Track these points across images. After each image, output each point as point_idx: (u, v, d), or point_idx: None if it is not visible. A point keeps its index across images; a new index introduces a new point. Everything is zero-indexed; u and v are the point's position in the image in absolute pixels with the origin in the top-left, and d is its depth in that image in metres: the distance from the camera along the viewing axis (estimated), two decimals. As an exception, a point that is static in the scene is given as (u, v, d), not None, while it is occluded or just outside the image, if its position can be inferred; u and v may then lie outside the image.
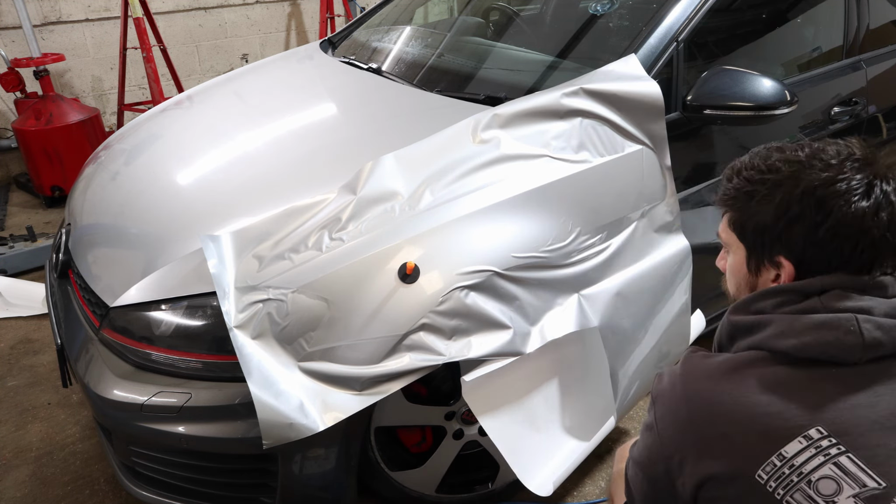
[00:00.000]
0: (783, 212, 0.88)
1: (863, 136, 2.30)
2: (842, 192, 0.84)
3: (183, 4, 4.78)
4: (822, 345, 0.81)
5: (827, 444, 0.76)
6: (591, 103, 1.59)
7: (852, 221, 0.83)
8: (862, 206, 0.82)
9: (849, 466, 0.75)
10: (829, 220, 0.84)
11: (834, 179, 0.85)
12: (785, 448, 0.77)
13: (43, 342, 2.62)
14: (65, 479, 1.97)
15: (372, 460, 1.57)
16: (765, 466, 0.78)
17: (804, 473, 0.76)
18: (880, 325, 0.81)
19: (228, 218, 1.53)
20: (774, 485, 0.77)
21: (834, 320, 0.81)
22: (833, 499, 0.75)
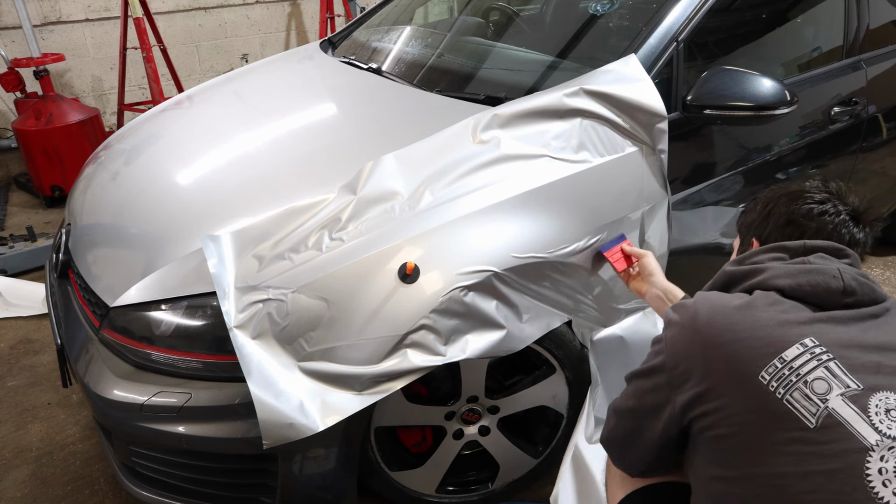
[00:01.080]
0: (764, 207, 1.20)
1: (863, 136, 2.30)
2: (805, 198, 1.14)
3: (183, 4, 4.78)
4: (813, 285, 0.99)
5: (819, 352, 0.91)
6: (592, 103, 1.59)
7: (801, 215, 1.12)
8: (811, 207, 1.12)
9: (835, 370, 0.90)
10: (787, 209, 1.15)
11: (804, 190, 1.16)
12: (785, 352, 0.91)
13: (43, 342, 2.62)
14: (65, 479, 1.97)
15: (372, 460, 1.57)
16: (767, 368, 0.91)
17: (801, 374, 0.89)
18: (854, 277, 1.00)
19: (228, 218, 1.53)
20: (776, 384, 0.90)
21: (823, 268, 1.01)
22: (825, 397, 0.88)
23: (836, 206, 1.12)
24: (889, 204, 2.80)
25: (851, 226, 1.11)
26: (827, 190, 1.16)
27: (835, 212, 1.12)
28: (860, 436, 0.86)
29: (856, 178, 2.38)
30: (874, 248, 3.08)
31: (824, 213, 1.11)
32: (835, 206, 1.12)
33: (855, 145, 2.29)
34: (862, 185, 2.46)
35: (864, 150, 2.34)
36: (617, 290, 1.63)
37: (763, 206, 1.21)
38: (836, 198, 1.14)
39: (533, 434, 1.81)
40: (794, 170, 2.09)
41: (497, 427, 1.69)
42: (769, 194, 1.23)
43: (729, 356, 0.94)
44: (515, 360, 1.66)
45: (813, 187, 1.17)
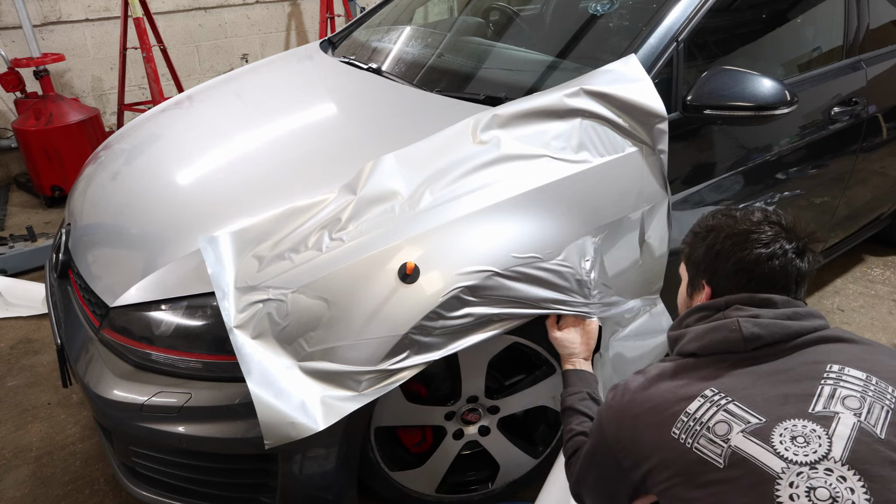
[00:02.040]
0: (710, 248, 1.20)
1: (863, 136, 2.30)
2: (752, 241, 1.15)
3: (183, 4, 4.78)
4: (715, 342, 1.08)
5: (718, 398, 0.99)
6: (592, 103, 1.59)
7: (750, 262, 1.14)
8: (759, 253, 1.14)
9: (735, 411, 0.96)
10: (735, 257, 1.16)
11: (750, 231, 1.16)
12: (688, 407, 1.00)
13: (43, 342, 2.62)
14: (65, 479, 1.97)
15: (372, 460, 1.57)
16: (676, 424, 0.99)
17: (703, 422, 0.97)
18: (758, 323, 1.06)
19: (228, 218, 1.53)
20: (685, 437, 0.97)
21: (722, 324, 1.09)
22: (727, 437, 0.94)
23: (782, 247, 1.14)
24: (889, 204, 2.80)
25: (797, 261, 1.14)
26: (771, 225, 1.17)
27: (782, 252, 1.14)
28: (765, 466, 0.89)
29: (856, 178, 2.38)
30: (874, 247, 3.11)
31: (772, 258, 1.13)
32: (781, 246, 1.14)
33: (855, 145, 2.29)
34: (862, 186, 2.46)
35: (864, 150, 2.34)
36: (617, 291, 1.63)
37: (709, 246, 1.20)
38: (782, 235, 1.15)
39: (533, 434, 1.81)
40: (794, 170, 2.09)
41: (497, 427, 1.69)
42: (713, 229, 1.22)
43: (646, 426, 1.04)
44: (515, 360, 1.66)
45: (758, 223, 1.17)
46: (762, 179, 1.99)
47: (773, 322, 1.06)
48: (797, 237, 1.16)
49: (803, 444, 0.90)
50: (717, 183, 1.86)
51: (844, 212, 2.45)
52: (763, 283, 1.14)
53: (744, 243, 1.15)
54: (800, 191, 2.17)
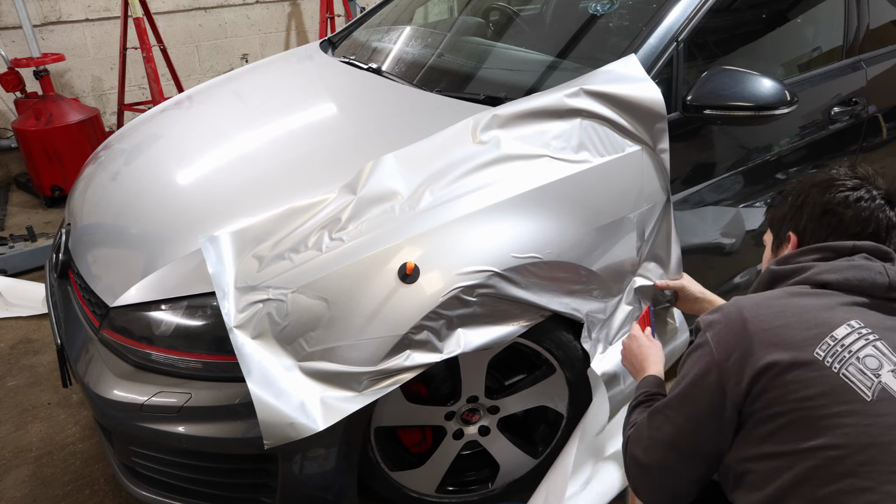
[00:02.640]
0: (796, 199, 1.22)
1: (863, 136, 2.30)
2: (837, 186, 1.16)
3: (183, 4, 4.78)
4: (859, 280, 1.04)
5: (866, 332, 0.97)
6: (592, 103, 1.59)
7: (837, 203, 1.15)
8: (846, 195, 1.14)
9: (883, 349, 0.96)
10: (822, 199, 1.17)
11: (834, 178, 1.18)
12: (835, 331, 0.97)
13: (43, 342, 2.62)
14: (65, 479, 1.97)
15: (372, 460, 1.57)
16: (821, 345, 0.96)
17: (853, 351, 0.95)
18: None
19: (228, 218, 1.53)
20: (831, 360, 0.95)
21: (869, 265, 1.06)
22: (878, 372, 0.94)
23: (869, 192, 1.14)
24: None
25: (888, 209, 1.13)
26: (857, 176, 1.18)
27: (869, 197, 1.13)
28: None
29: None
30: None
31: (860, 200, 1.13)
32: (868, 191, 1.14)
33: (855, 145, 2.29)
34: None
35: (864, 150, 2.34)
36: (617, 290, 1.63)
37: (795, 197, 1.22)
38: (868, 182, 1.16)
39: (533, 434, 1.81)
40: (794, 170, 2.09)
41: (497, 427, 1.69)
42: (798, 186, 1.24)
43: (782, 338, 0.98)
44: (515, 360, 1.66)
45: (842, 174, 1.19)
46: (762, 179, 1.99)
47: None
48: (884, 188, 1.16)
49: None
50: (717, 183, 1.86)
51: (844, 212, 2.45)
52: (852, 227, 1.13)
53: (829, 188, 1.16)
54: (800, 191, 2.17)
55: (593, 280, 1.56)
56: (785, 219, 1.24)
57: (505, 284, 1.41)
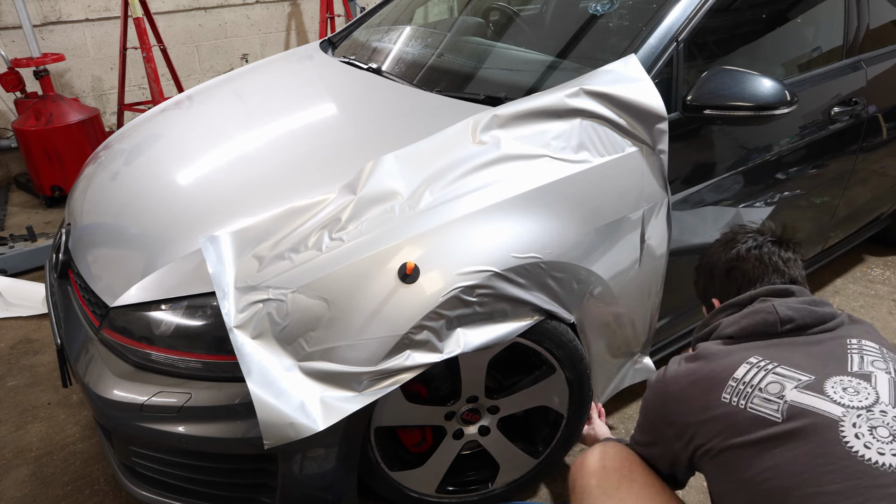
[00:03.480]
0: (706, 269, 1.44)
1: (863, 136, 2.30)
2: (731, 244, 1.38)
3: (183, 4, 4.78)
4: (754, 323, 1.17)
5: (765, 364, 1.07)
6: (592, 103, 1.59)
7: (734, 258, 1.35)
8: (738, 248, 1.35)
9: (784, 372, 1.05)
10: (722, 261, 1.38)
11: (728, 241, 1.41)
12: (735, 373, 1.08)
13: (43, 342, 2.62)
14: (65, 479, 1.97)
15: (372, 460, 1.57)
16: (725, 390, 1.07)
17: (755, 384, 1.05)
18: (791, 307, 1.17)
19: (228, 218, 1.53)
20: (736, 399, 1.05)
21: (758, 308, 1.20)
22: (781, 394, 1.02)
23: (756, 239, 1.34)
24: (889, 204, 2.80)
25: (779, 250, 1.32)
26: (748, 231, 1.39)
27: (759, 244, 1.33)
28: (825, 412, 0.97)
29: (856, 178, 2.38)
30: (874, 247, 3.11)
31: (751, 249, 1.33)
32: (755, 238, 1.34)
33: (855, 145, 2.29)
34: (862, 186, 2.46)
35: (864, 150, 2.34)
36: (617, 290, 1.63)
37: (705, 269, 1.43)
38: (758, 234, 1.37)
39: (533, 434, 1.81)
40: (794, 170, 2.09)
41: (497, 427, 1.69)
42: (705, 259, 1.45)
43: (694, 395, 1.12)
44: (515, 360, 1.66)
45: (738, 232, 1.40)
46: (762, 179, 1.99)
47: (802, 307, 1.17)
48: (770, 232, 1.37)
49: (854, 394, 0.99)
50: (717, 183, 1.86)
51: (844, 212, 2.45)
52: (754, 274, 1.30)
53: (725, 249, 1.37)
54: (800, 191, 2.17)
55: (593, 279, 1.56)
56: (706, 290, 1.44)
57: (505, 285, 1.41)
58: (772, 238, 1.35)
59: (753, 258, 1.32)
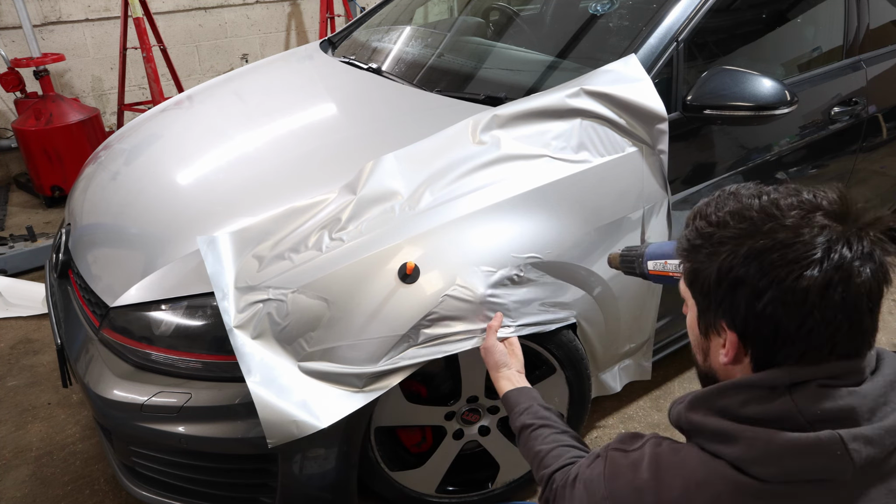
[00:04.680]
0: (725, 274, 0.77)
1: (863, 136, 2.30)
2: (790, 260, 0.72)
3: (183, 4, 4.78)
4: (808, 471, 0.70)
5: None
6: (592, 103, 1.59)
7: (797, 296, 0.71)
8: (810, 278, 0.70)
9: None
10: (772, 290, 0.73)
11: (785, 244, 0.73)
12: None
13: (43, 342, 2.62)
14: (65, 479, 1.97)
15: (372, 460, 1.57)
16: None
17: None
18: (869, 438, 0.70)
19: (228, 218, 1.53)
20: None
21: (817, 445, 0.69)
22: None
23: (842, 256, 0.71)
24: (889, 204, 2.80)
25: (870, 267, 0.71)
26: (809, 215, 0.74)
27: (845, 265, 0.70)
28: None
29: (856, 178, 2.38)
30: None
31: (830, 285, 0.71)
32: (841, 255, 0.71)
33: (855, 145, 2.29)
34: (862, 186, 2.46)
35: (864, 150, 2.34)
36: (617, 290, 1.63)
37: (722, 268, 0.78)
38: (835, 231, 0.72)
39: (533, 434, 1.81)
40: (794, 170, 2.09)
41: (497, 427, 1.69)
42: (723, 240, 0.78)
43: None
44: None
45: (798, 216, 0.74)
46: (762, 179, 1.99)
47: (883, 430, 0.71)
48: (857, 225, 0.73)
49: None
50: (717, 183, 1.86)
51: (844, 212, 2.45)
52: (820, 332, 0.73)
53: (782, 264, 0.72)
54: (800, 191, 2.17)
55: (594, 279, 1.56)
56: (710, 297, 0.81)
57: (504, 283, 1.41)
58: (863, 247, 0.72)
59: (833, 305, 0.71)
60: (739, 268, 0.75)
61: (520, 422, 1.19)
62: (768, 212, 0.76)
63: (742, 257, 0.75)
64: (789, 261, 0.72)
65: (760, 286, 0.73)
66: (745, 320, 0.76)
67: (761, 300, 0.73)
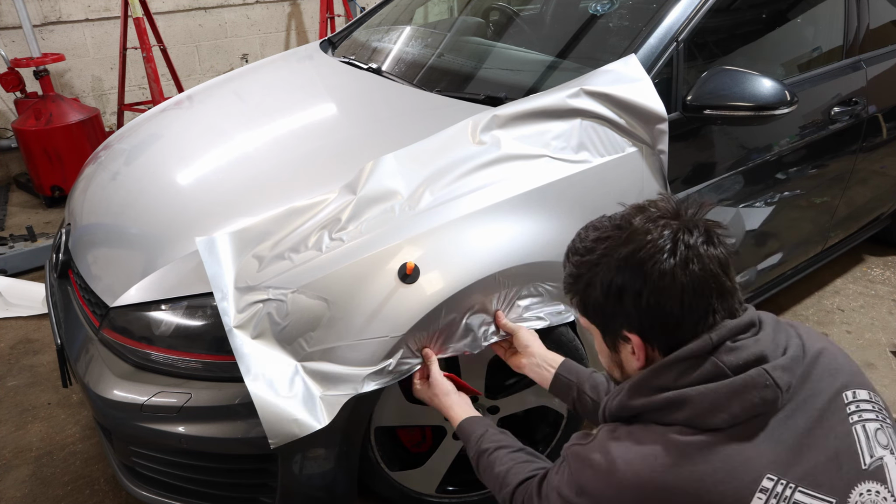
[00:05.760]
0: (607, 288, 0.93)
1: (863, 136, 2.30)
2: (651, 255, 0.89)
3: (183, 4, 4.78)
4: (750, 407, 0.85)
5: (781, 489, 0.82)
6: (592, 103, 1.59)
7: (666, 281, 0.88)
8: (671, 264, 0.88)
9: (804, 500, 0.82)
10: (647, 285, 0.89)
11: (642, 244, 0.90)
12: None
13: (43, 342, 2.62)
14: (65, 479, 1.97)
15: (372, 460, 1.57)
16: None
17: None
18: (784, 366, 0.87)
19: (228, 218, 1.53)
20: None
21: (750, 381, 0.85)
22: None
23: (686, 241, 0.89)
24: (889, 204, 2.80)
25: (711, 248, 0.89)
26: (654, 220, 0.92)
27: (689, 248, 0.88)
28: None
29: (856, 178, 2.38)
30: (874, 247, 3.10)
31: (687, 263, 0.88)
32: (685, 241, 0.89)
33: (855, 145, 2.29)
34: (862, 186, 2.46)
35: (864, 150, 2.34)
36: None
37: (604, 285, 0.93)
38: (672, 225, 0.91)
39: (533, 434, 1.81)
40: (794, 170, 2.09)
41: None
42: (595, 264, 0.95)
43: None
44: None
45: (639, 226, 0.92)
46: (762, 179, 1.99)
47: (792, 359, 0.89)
48: (688, 220, 0.91)
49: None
50: (717, 183, 1.86)
51: (844, 212, 2.45)
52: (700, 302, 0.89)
53: (646, 262, 0.89)
54: (800, 191, 2.17)
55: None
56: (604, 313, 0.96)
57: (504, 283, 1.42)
58: (700, 234, 0.90)
59: (696, 277, 0.87)
60: (617, 277, 0.92)
61: (475, 450, 1.24)
62: (621, 226, 0.94)
63: (615, 269, 0.92)
64: (649, 256, 0.89)
65: (637, 286, 0.90)
66: (639, 320, 0.92)
67: (643, 297, 0.89)
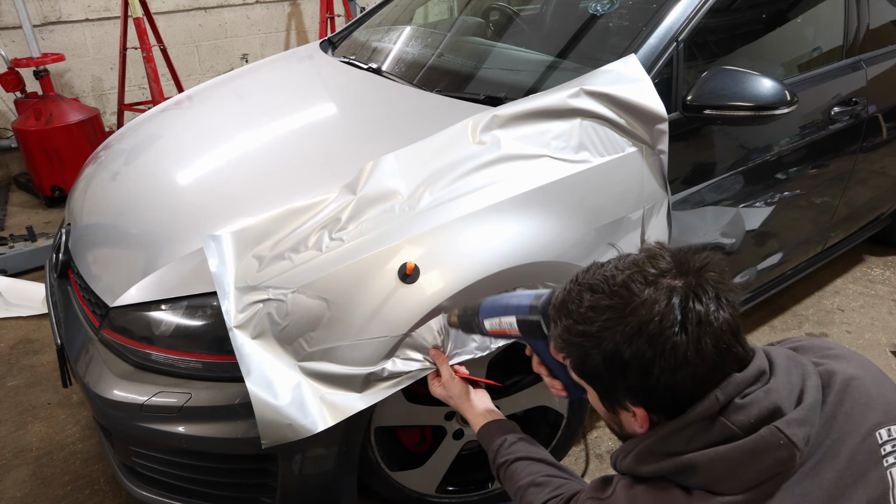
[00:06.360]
0: (610, 361, 0.84)
1: (863, 136, 2.30)
2: (661, 331, 0.80)
3: (183, 4, 4.78)
4: (765, 469, 0.78)
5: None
6: (592, 103, 1.58)
7: (678, 360, 0.80)
8: (682, 342, 0.79)
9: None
10: (657, 364, 0.80)
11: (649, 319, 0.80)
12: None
13: (43, 342, 2.62)
14: (65, 479, 1.97)
15: (372, 460, 1.57)
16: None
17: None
18: (800, 420, 0.79)
19: (228, 218, 1.53)
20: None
21: (762, 441, 0.78)
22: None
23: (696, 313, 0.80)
24: (889, 204, 2.80)
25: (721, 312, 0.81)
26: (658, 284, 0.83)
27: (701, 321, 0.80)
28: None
29: (856, 178, 2.38)
30: (874, 247, 3.10)
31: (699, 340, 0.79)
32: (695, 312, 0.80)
33: (855, 145, 2.29)
34: (862, 186, 2.46)
35: (864, 150, 2.34)
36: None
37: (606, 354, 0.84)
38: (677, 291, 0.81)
39: (533, 434, 1.81)
40: (794, 170, 2.09)
41: (497, 427, 1.69)
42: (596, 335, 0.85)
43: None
44: (515, 360, 1.66)
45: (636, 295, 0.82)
46: (762, 179, 1.99)
47: (809, 410, 0.81)
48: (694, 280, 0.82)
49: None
50: (717, 183, 1.86)
51: (844, 212, 2.45)
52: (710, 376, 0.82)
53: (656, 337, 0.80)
54: (800, 191, 2.17)
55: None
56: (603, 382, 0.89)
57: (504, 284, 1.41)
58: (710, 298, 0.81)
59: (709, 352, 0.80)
60: (621, 352, 0.82)
61: (493, 463, 1.23)
62: (622, 296, 0.84)
63: (620, 343, 0.82)
64: (659, 332, 0.80)
65: (645, 364, 0.81)
66: (646, 396, 0.84)
67: (651, 375, 0.81)
